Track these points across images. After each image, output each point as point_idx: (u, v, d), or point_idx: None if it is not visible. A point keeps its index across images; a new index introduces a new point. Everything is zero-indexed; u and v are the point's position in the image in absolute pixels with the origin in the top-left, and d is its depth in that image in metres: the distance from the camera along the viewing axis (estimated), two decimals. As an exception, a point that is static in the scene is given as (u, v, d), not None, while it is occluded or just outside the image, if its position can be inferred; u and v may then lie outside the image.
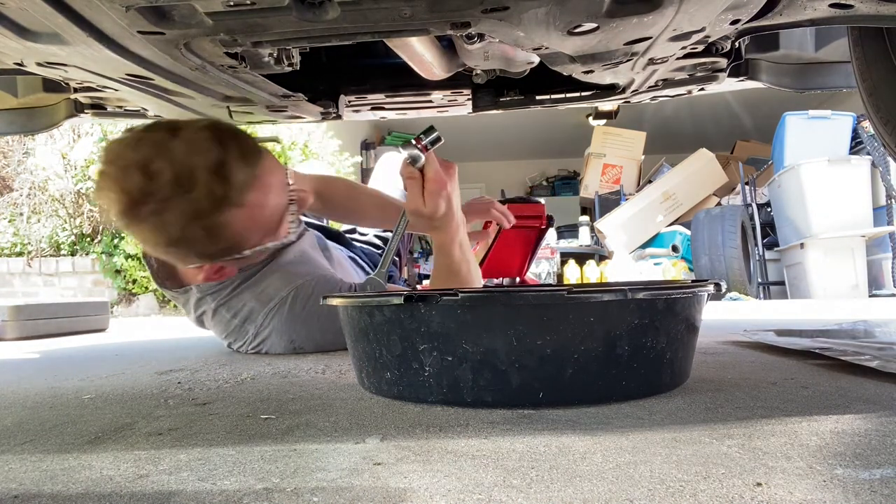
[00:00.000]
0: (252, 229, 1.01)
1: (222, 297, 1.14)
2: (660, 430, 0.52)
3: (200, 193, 0.90)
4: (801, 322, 1.72)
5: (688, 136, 6.24)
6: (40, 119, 1.33)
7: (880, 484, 0.38)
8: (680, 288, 0.65)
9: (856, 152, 4.04)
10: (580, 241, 5.33)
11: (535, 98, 1.23)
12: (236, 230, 0.98)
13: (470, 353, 0.60)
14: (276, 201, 1.02)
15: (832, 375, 0.74)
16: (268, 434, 0.55)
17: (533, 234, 1.74)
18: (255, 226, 1.01)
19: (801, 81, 1.22)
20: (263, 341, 1.15)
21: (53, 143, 3.97)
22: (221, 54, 0.80)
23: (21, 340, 1.93)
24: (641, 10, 0.67)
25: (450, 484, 0.40)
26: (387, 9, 0.67)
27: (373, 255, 1.64)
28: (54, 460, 0.49)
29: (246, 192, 0.95)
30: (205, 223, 0.93)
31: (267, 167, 1.00)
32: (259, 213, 0.99)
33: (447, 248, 1.07)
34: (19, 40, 0.72)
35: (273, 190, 1.01)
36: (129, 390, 0.82)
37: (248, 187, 0.95)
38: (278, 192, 1.03)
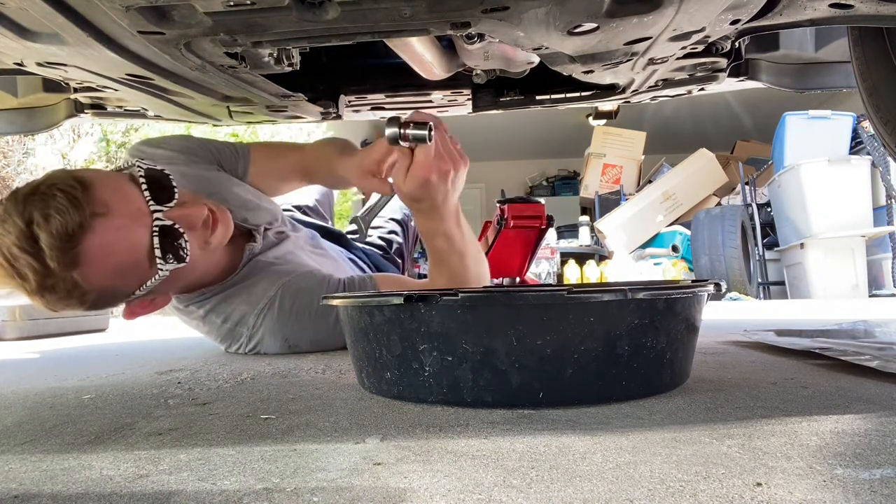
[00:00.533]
0: (112, 277, 0.92)
1: (210, 304, 1.14)
2: (660, 430, 0.52)
3: (26, 271, 0.86)
4: (801, 322, 1.72)
5: (688, 136, 6.24)
6: (40, 119, 1.33)
7: (880, 484, 0.38)
8: (680, 288, 0.65)
9: (856, 152, 4.04)
10: (580, 241, 5.33)
11: (535, 98, 1.23)
12: (94, 285, 0.91)
13: (470, 353, 0.60)
14: (125, 243, 0.91)
15: (832, 375, 0.74)
16: (268, 434, 0.55)
17: (533, 234, 1.74)
18: (113, 274, 0.92)
19: (801, 81, 1.22)
20: (259, 343, 1.15)
21: (53, 143, 3.97)
22: (221, 54, 0.80)
23: (21, 340, 1.93)
24: (641, 10, 0.67)
25: (450, 484, 0.40)
26: (387, 9, 0.67)
27: (374, 257, 1.63)
28: (54, 460, 0.49)
29: (67, 255, 0.85)
30: (56, 295, 0.89)
31: (99, 211, 0.88)
32: (108, 262, 0.90)
33: (430, 236, 1.07)
34: (19, 40, 0.72)
35: (112, 235, 0.89)
36: (129, 390, 0.82)
37: (67, 250, 0.85)
38: (123, 232, 0.90)
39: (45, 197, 0.85)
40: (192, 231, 0.98)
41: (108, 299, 0.97)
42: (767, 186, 4.53)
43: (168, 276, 0.97)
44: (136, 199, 0.93)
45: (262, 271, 1.15)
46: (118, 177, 0.95)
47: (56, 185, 0.86)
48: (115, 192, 0.91)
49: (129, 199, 0.92)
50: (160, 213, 0.93)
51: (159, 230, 0.93)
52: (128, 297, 0.99)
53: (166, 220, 0.94)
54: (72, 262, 0.87)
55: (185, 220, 0.96)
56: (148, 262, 0.93)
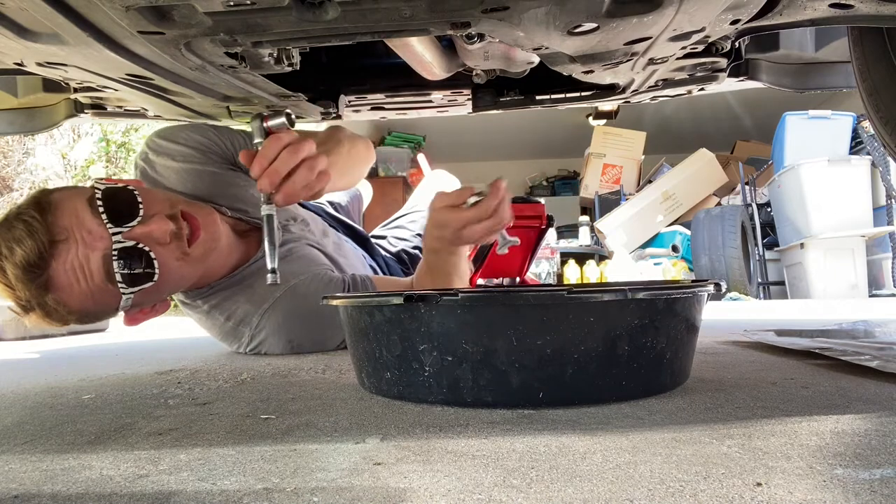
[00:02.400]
0: (87, 299, 0.93)
1: (214, 300, 1.14)
2: (660, 430, 0.52)
3: (9, 297, 0.90)
4: (801, 322, 1.72)
5: (688, 136, 6.23)
6: (40, 119, 1.33)
7: (880, 484, 0.38)
8: (680, 288, 0.65)
9: (856, 152, 4.04)
10: (580, 241, 5.33)
11: (535, 98, 1.23)
12: (72, 307, 0.93)
13: (470, 353, 0.60)
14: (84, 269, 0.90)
15: (832, 375, 0.74)
16: (268, 434, 0.55)
17: (533, 234, 1.73)
18: (86, 297, 0.92)
19: (801, 81, 1.22)
20: (261, 343, 1.14)
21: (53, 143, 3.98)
22: (221, 54, 0.80)
23: (21, 340, 1.93)
24: (641, 10, 0.67)
25: (450, 484, 0.40)
26: (387, 9, 0.67)
27: (394, 269, 1.59)
28: (54, 460, 0.49)
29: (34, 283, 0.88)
30: (39, 316, 0.92)
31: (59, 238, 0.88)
32: (76, 287, 0.91)
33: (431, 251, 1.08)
34: (19, 40, 0.72)
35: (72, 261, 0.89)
36: (129, 390, 0.82)
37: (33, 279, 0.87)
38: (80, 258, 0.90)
39: (10, 227, 0.88)
40: (162, 247, 0.96)
41: (94, 317, 0.98)
42: (767, 186, 4.52)
43: (152, 288, 0.96)
44: (90, 222, 0.91)
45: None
46: (78, 199, 0.93)
47: (20, 214, 0.89)
48: (72, 216, 0.91)
49: (84, 223, 0.91)
50: (119, 235, 0.92)
51: (119, 252, 0.92)
52: (114, 313, 0.99)
53: (127, 241, 0.92)
54: (42, 289, 0.89)
55: (148, 238, 0.94)
56: (112, 284, 0.93)
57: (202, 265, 1.05)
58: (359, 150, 1.28)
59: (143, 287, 0.95)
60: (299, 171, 0.91)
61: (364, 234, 1.59)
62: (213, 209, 1.09)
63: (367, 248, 1.53)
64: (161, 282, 0.97)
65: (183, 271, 1.01)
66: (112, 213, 0.93)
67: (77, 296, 0.92)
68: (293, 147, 0.91)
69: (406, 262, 1.64)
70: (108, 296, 0.94)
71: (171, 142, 1.20)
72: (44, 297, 0.90)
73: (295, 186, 0.92)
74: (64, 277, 0.90)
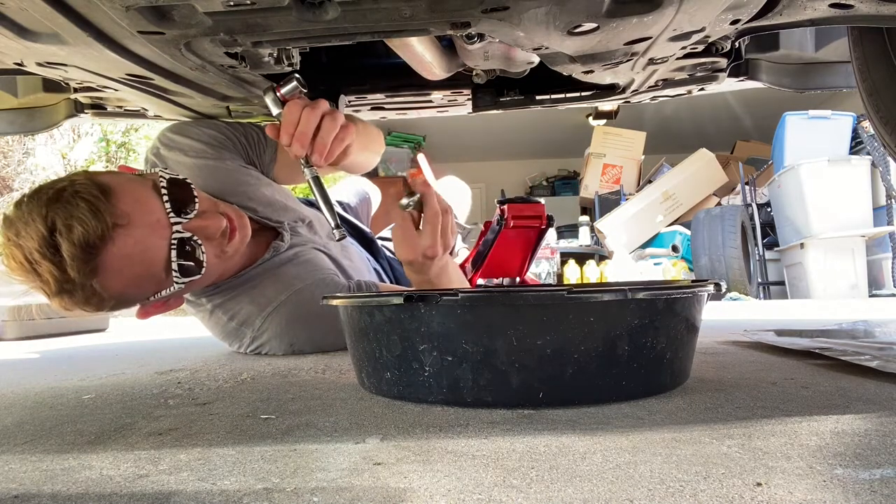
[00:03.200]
0: (130, 286, 0.92)
1: (218, 299, 1.14)
2: (660, 430, 0.52)
3: (47, 276, 0.87)
4: (801, 322, 1.72)
5: (688, 136, 6.24)
6: (40, 119, 1.33)
7: (880, 484, 0.38)
8: (680, 288, 0.65)
9: (856, 152, 4.04)
10: (580, 241, 5.33)
11: (535, 98, 1.23)
12: (112, 293, 0.91)
13: (470, 353, 0.60)
14: (143, 255, 0.90)
15: (832, 375, 0.74)
16: (268, 434, 0.55)
17: (533, 234, 1.73)
18: (130, 284, 0.92)
19: (801, 81, 1.22)
20: (262, 344, 1.14)
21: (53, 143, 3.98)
22: (221, 54, 0.80)
23: (21, 340, 1.93)
24: (641, 10, 0.67)
25: (450, 484, 0.40)
26: (387, 9, 0.67)
27: (399, 272, 1.58)
28: (54, 460, 0.49)
29: (87, 265, 0.86)
30: (74, 300, 0.89)
31: (120, 222, 0.88)
32: (126, 273, 0.90)
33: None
34: (19, 40, 0.72)
35: (131, 246, 0.89)
36: (129, 390, 0.82)
37: (87, 260, 0.85)
38: (142, 244, 0.90)
39: (69, 205, 0.85)
40: (209, 241, 0.98)
41: (125, 304, 0.98)
42: (767, 186, 4.52)
43: (197, 280, 0.98)
44: (157, 211, 0.92)
45: (276, 271, 1.14)
46: (140, 185, 0.94)
47: (80, 192, 0.86)
48: (136, 202, 0.91)
49: (150, 211, 0.91)
50: (179, 225, 0.93)
51: (178, 243, 0.93)
52: (144, 301, 0.99)
53: (185, 233, 0.94)
54: (91, 272, 0.87)
55: (202, 232, 0.96)
56: (164, 273, 0.94)
57: (228, 264, 1.06)
58: (371, 131, 1.29)
59: (193, 279, 0.96)
60: (323, 125, 0.94)
61: (370, 236, 1.59)
62: (242, 210, 1.10)
63: (373, 250, 1.53)
64: (203, 276, 0.99)
65: (216, 269, 1.03)
66: (174, 203, 0.94)
67: (123, 282, 0.91)
68: (311, 107, 0.93)
69: None
70: (153, 284, 0.94)
71: (184, 136, 1.19)
72: (90, 279, 0.88)
73: (325, 141, 0.94)
74: (117, 262, 0.88)
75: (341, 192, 1.80)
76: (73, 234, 0.84)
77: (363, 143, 1.21)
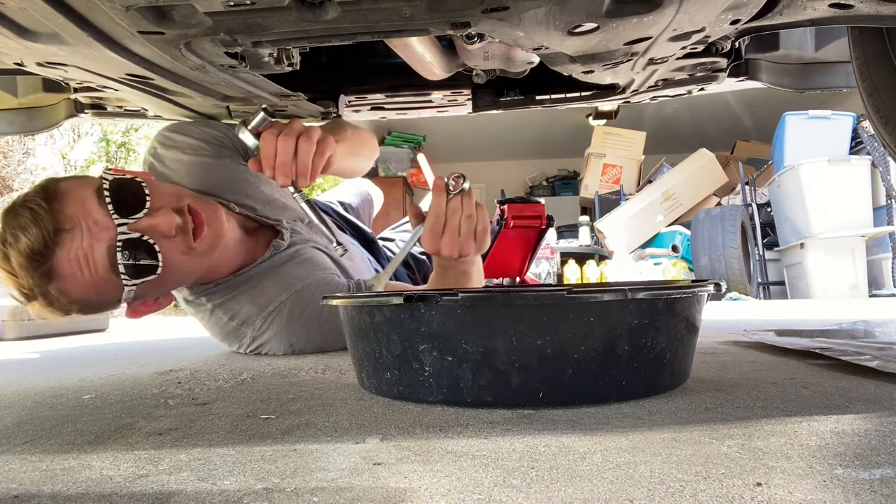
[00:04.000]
0: (90, 290, 0.92)
1: (218, 298, 1.14)
2: (660, 430, 0.52)
3: (11, 285, 0.90)
4: (801, 322, 1.72)
5: (688, 136, 6.24)
6: (40, 119, 1.33)
7: (880, 484, 0.38)
8: (680, 288, 0.65)
9: (856, 152, 4.04)
10: (580, 241, 5.33)
11: (535, 98, 1.23)
12: (74, 297, 0.92)
13: (470, 353, 0.60)
14: (87, 259, 0.90)
15: (832, 375, 0.74)
16: (268, 434, 0.55)
17: (533, 234, 1.73)
18: (89, 287, 0.92)
19: (801, 81, 1.22)
20: (262, 344, 1.14)
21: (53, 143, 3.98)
22: (221, 54, 0.80)
23: (21, 340, 1.93)
24: (641, 10, 0.67)
25: (450, 484, 0.40)
26: (387, 9, 0.67)
27: (401, 275, 1.58)
28: (54, 460, 0.49)
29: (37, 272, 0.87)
30: (40, 305, 0.92)
31: (65, 227, 0.88)
32: (79, 277, 0.90)
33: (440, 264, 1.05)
34: (19, 40, 0.72)
35: (76, 250, 0.89)
36: (129, 390, 0.82)
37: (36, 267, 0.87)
38: (85, 248, 0.89)
39: (16, 214, 0.88)
40: (166, 239, 0.96)
41: (95, 307, 0.98)
42: (767, 186, 4.52)
43: (155, 281, 0.96)
44: (97, 213, 0.91)
45: (276, 270, 1.14)
46: (86, 188, 0.93)
47: (26, 201, 0.88)
48: (78, 204, 0.91)
49: (90, 213, 0.91)
50: (124, 226, 0.92)
51: (123, 244, 0.92)
52: (116, 304, 0.99)
53: (132, 233, 0.92)
54: (45, 277, 0.89)
55: (153, 231, 0.94)
56: (114, 275, 0.93)
57: (207, 260, 1.05)
58: (362, 136, 1.29)
59: (146, 279, 0.95)
60: (300, 147, 0.95)
61: (371, 237, 1.59)
62: (219, 205, 1.09)
63: (374, 251, 1.53)
64: (164, 275, 0.97)
65: (187, 265, 1.01)
66: (119, 205, 0.93)
67: (80, 286, 0.91)
68: (284, 134, 0.95)
69: (412, 267, 1.64)
70: (110, 287, 0.94)
71: (183, 134, 1.19)
72: (46, 286, 0.89)
73: (305, 163, 0.95)
74: (67, 267, 0.89)
75: (343, 193, 1.80)
76: (19, 243, 0.86)
77: (350, 149, 1.22)
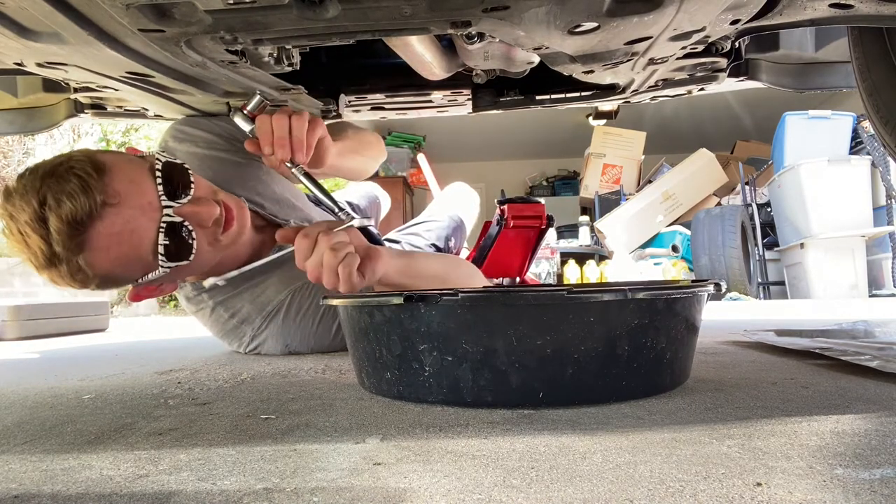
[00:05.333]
0: (116, 265, 0.91)
1: (220, 296, 1.14)
2: (660, 430, 0.52)
3: (35, 248, 0.88)
4: (801, 322, 1.72)
5: (688, 136, 6.23)
6: (40, 119, 1.33)
7: (880, 484, 0.38)
8: (680, 288, 0.65)
9: (856, 152, 4.04)
10: (580, 241, 5.33)
11: (535, 98, 1.23)
12: (98, 271, 0.91)
13: (470, 353, 0.59)
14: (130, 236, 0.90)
15: (832, 375, 0.74)
16: (268, 434, 0.55)
17: (533, 234, 1.73)
18: (117, 263, 0.91)
19: (801, 81, 1.22)
20: (260, 344, 1.15)
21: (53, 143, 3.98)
22: (222, 51, 0.80)
23: (21, 340, 1.93)
24: (642, 10, 0.67)
25: (450, 484, 0.40)
26: (387, 7, 0.67)
27: None
28: (54, 460, 0.49)
29: (73, 241, 0.86)
30: (60, 274, 0.90)
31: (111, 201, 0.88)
32: (112, 252, 0.90)
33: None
34: (19, 40, 0.72)
35: (119, 226, 0.89)
36: (129, 390, 0.82)
37: (74, 236, 0.86)
38: (130, 224, 0.90)
39: (61, 179, 0.86)
40: (201, 228, 0.98)
41: (112, 283, 0.98)
42: (767, 186, 4.52)
43: (184, 266, 0.97)
44: (149, 192, 0.92)
45: (278, 269, 1.14)
46: (136, 166, 0.94)
47: (73, 168, 0.87)
48: (129, 182, 0.91)
49: (142, 192, 0.92)
50: (170, 209, 0.93)
51: (167, 226, 0.93)
52: (133, 282, 0.99)
53: (175, 217, 0.94)
54: (77, 248, 0.88)
55: (194, 218, 0.96)
56: (151, 256, 0.93)
57: (222, 254, 1.05)
58: (364, 136, 1.29)
59: (179, 264, 0.96)
60: (293, 125, 0.96)
61: (378, 237, 1.59)
62: (243, 200, 1.10)
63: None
64: (193, 263, 0.98)
65: (208, 256, 1.02)
66: (168, 187, 0.94)
67: (110, 260, 0.91)
68: (278, 113, 0.97)
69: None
70: (139, 265, 0.94)
71: (196, 128, 1.20)
72: (76, 255, 0.88)
73: (300, 137, 0.97)
74: (104, 240, 0.89)
75: (350, 194, 1.81)
76: (62, 209, 0.85)
77: (352, 148, 1.22)
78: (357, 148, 1.25)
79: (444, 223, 1.88)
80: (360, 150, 1.27)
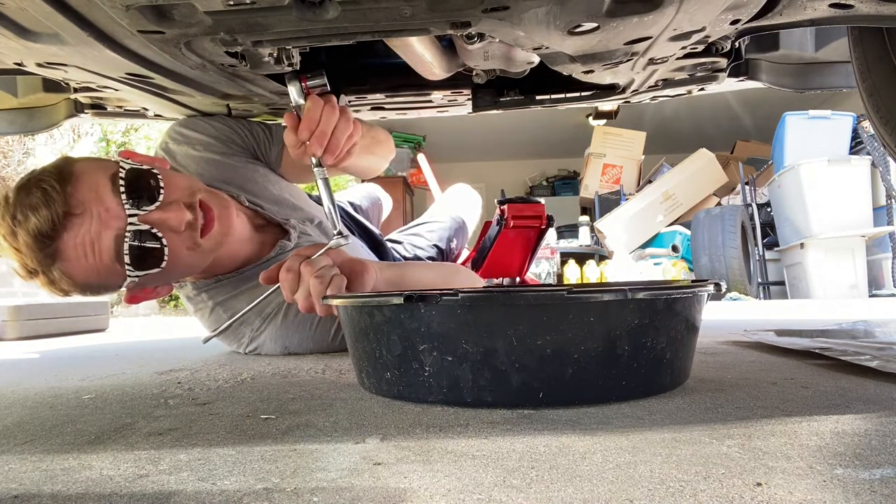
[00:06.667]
0: (92, 274, 0.92)
1: (220, 297, 1.14)
2: (660, 430, 0.52)
3: (16, 260, 0.91)
4: (801, 322, 1.72)
5: (688, 136, 6.24)
6: (40, 119, 1.33)
7: (880, 484, 0.38)
8: (680, 288, 0.65)
9: (856, 152, 4.04)
10: (580, 241, 5.33)
11: (535, 98, 1.23)
12: (76, 280, 0.93)
13: (470, 353, 0.60)
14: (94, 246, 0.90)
15: (832, 375, 0.74)
16: (268, 434, 0.55)
17: (533, 234, 1.74)
18: (91, 272, 0.92)
19: (801, 81, 1.22)
20: (259, 346, 1.15)
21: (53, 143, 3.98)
22: (221, 53, 0.80)
23: (21, 340, 1.93)
24: (642, 10, 0.67)
25: (450, 484, 0.40)
26: (387, 8, 0.67)
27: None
28: (54, 460, 0.49)
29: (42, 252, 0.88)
30: (42, 283, 0.93)
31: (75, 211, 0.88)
32: (83, 262, 0.90)
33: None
34: (19, 40, 0.72)
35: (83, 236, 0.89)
36: (129, 390, 0.82)
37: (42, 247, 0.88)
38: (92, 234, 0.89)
39: (29, 193, 0.88)
40: (175, 234, 0.96)
41: (96, 290, 0.98)
42: (767, 186, 4.52)
43: (158, 273, 0.96)
44: (109, 201, 0.91)
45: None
46: (101, 174, 0.93)
47: (41, 181, 0.88)
48: (91, 190, 0.90)
49: (103, 200, 0.90)
50: (135, 217, 0.92)
51: (132, 234, 0.92)
52: (116, 290, 0.99)
53: (142, 225, 0.92)
54: (49, 259, 0.89)
55: (163, 224, 0.94)
56: (118, 264, 0.92)
57: (212, 255, 1.05)
58: (378, 134, 1.29)
59: (150, 272, 0.96)
60: (339, 125, 0.94)
61: (379, 238, 1.59)
62: (230, 199, 1.09)
63: (381, 252, 1.53)
64: (168, 268, 0.97)
65: (191, 260, 1.01)
66: (132, 194, 0.93)
67: (83, 270, 0.92)
68: (332, 104, 0.94)
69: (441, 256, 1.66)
70: (113, 274, 0.95)
71: (193, 130, 1.20)
72: (50, 266, 0.90)
73: (339, 141, 0.95)
74: (73, 251, 0.90)
75: (353, 195, 1.81)
76: (28, 223, 0.87)
77: (368, 147, 1.21)
78: (370, 146, 1.24)
79: (447, 224, 1.88)
80: (373, 148, 1.27)
